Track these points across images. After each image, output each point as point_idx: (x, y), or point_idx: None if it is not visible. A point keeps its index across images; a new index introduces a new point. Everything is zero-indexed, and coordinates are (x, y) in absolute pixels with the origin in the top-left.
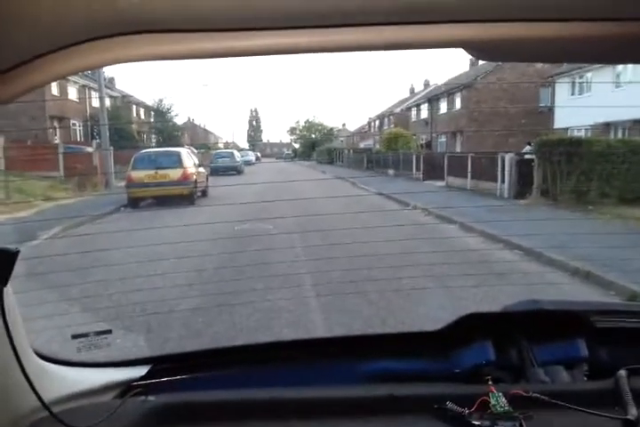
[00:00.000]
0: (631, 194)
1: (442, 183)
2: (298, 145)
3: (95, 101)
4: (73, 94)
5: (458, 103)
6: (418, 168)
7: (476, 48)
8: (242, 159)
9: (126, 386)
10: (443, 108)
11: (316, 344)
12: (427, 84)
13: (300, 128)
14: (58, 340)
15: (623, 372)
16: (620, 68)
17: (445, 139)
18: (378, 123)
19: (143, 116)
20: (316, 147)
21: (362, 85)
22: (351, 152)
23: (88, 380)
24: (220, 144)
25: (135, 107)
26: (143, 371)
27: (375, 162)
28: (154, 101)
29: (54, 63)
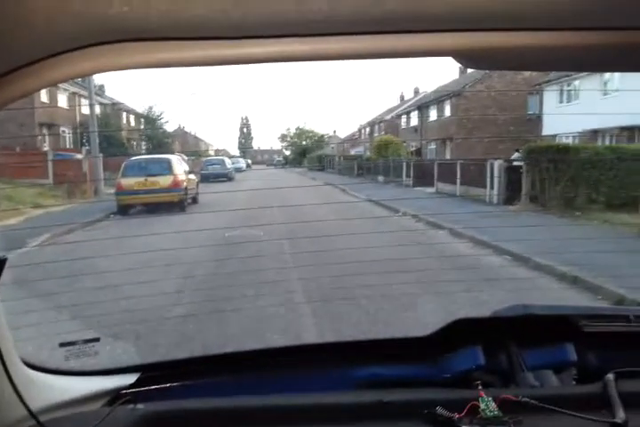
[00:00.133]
0: (618, 200)
1: (432, 190)
2: (289, 152)
3: (85, 109)
4: (63, 101)
5: (447, 111)
6: (408, 175)
7: (465, 57)
8: (232, 166)
9: (115, 394)
10: (432, 115)
11: (306, 350)
12: (417, 92)
13: (291, 135)
14: (46, 348)
15: (611, 375)
16: (608, 76)
17: (435, 146)
18: (368, 130)
19: (133, 124)
20: (307, 154)
21: (352, 93)
22: (342, 159)
23: (76, 388)
24: (211, 151)
25: (125, 114)
26: (132, 379)
27: (366, 169)
28: (144, 109)
29: (45, 70)
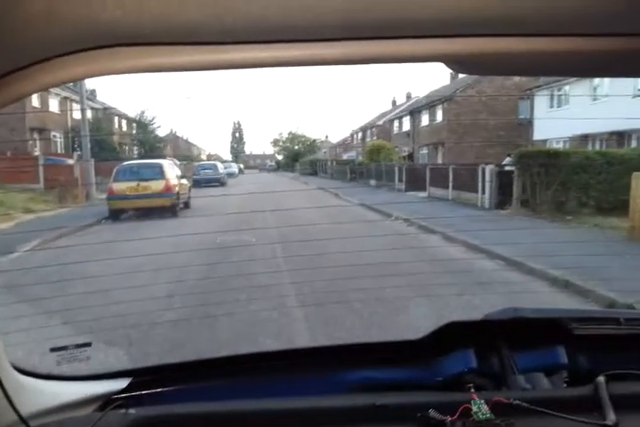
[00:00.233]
0: (608, 204)
1: (424, 194)
2: (281, 157)
3: (77, 113)
4: (54, 106)
5: (439, 116)
6: (400, 179)
7: (455, 62)
8: (225, 171)
9: (107, 399)
10: (424, 120)
11: (299, 354)
12: (409, 97)
13: (284, 140)
14: (37, 353)
15: (602, 378)
16: (597, 81)
17: (427, 150)
18: (361, 135)
19: (125, 128)
20: (300, 158)
21: (345, 98)
22: (334, 164)
23: (67, 393)
24: (203, 156)
25: (117, 118)
26: (124, 384)
27: (358, 173)
28: (136, 113)
29: (37, 75)
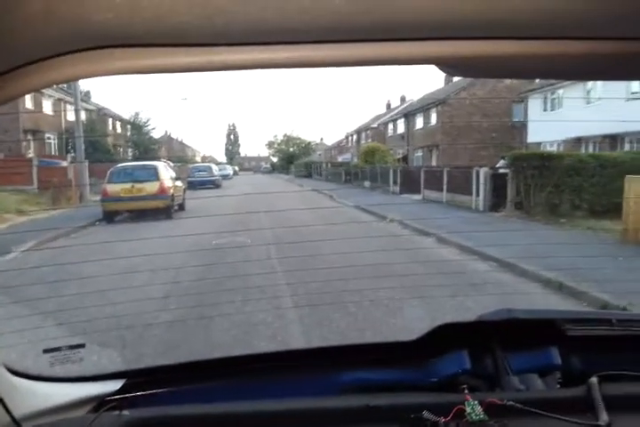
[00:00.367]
0: (601, 207)
1: (418, 197)
2: (276, 159)
3: (70, 115)
4: (48, 108)
5: (434, 118)
6: (395, 182)
7: (448, 64)
8: (219, 173)
9: (100, 400)
10: (419, 123)
11: (292, 355)
12: (403, 100)
13: (279, 142)
14: (30, 355)
15: (595, 379)
16: (590, 84)
17: (422, 153)
18: (355, 137)
19: (120, 130)
20: (294, 161)
21: (340, 100)
22: (329, 166)
23: (61, 395)
24: (198, 158)
25: (111, 120)
26: (118, 385)
27: (353, 176)
28: (130, 115)
29: (29, 76)
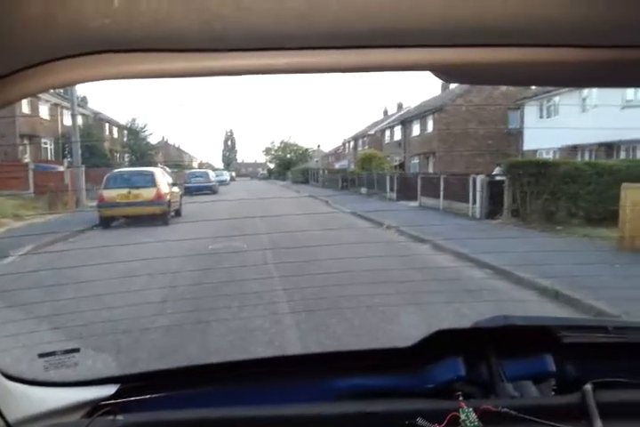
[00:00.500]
0: (597, 214)
1: (415, 203)
2: (273, 165)
3: (67, 120)
4: (45, 113)
5: (430, 125)
6: (392, 188)
7: (444, 71)
8: (216, 179)
9: (94, 405)
10: (416, 130)
11: (288, 361)
12: (400, 107)
13: (276, 149)
14: (25, 359)
15: (589, 386)
16: (586, 92)
17: (418, 160)
18: (352, 144)
19: (116, 135)
20: (291, 167)
21: (337, 107)
22: (326, 172)
23: (55, 399)
24: (195, 164)
25: (108, 125)
26: (112, 390)
27: (350, 182)
28: (127, 121)
29: (26, 81)
